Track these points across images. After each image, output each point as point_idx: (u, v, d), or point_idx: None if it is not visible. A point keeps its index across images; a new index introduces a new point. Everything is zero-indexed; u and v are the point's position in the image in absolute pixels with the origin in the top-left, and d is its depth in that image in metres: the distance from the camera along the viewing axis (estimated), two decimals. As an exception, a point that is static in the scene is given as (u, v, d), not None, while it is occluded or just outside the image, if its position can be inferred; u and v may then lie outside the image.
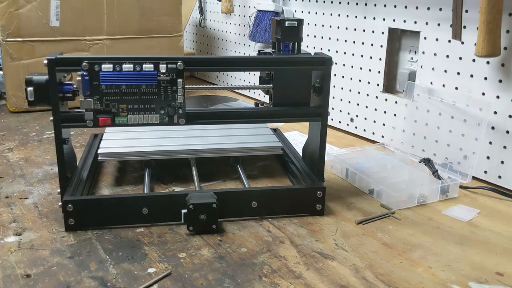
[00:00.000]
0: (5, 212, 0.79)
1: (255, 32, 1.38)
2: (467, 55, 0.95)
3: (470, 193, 0.90)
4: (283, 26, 0.81)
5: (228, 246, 0.70)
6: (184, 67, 0.73)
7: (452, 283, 0.63)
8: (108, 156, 0.90)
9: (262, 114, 0.83)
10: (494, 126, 0.91)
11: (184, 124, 0.76)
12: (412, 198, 0.85)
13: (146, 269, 0.64)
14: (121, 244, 0.70)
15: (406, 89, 1.05)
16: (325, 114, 0.80)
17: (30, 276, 0.62)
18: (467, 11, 0.92)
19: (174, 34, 1.46)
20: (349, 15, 1.19)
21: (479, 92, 0.93)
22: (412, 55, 1.10)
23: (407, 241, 0.73)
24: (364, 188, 0.91)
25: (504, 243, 0.74)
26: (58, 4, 1.28)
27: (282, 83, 0.82)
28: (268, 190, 0.81)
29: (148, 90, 0.73)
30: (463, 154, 0.94)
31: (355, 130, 1.23)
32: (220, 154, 0.93)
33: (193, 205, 0.72)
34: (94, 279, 0.62)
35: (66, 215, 0.73)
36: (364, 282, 0.63)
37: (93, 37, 1.35)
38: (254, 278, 0.63)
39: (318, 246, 0.71)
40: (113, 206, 0.74)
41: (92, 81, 0.72)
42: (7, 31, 1.25)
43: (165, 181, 0.92)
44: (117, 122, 0.74)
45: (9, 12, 1.24)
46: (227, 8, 1.55)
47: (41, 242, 0.70)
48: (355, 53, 1.20)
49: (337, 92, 1.25)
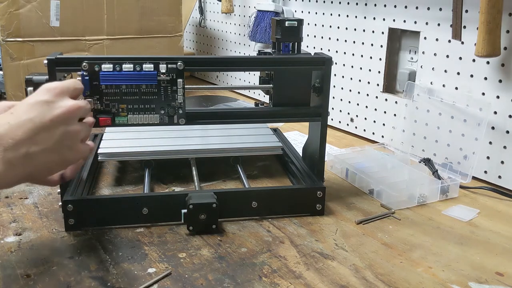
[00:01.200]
0: (5, 212, 0.79)
1: (255, 32, 1.38)
2: (467, 55, 0.95)
3: (470, 193, 0.90)
4: (283, 26, 0.81)
5: (228, 246, 0.70)
6: (184, 67, 0.73)
7: (452, 283, 0.63)
8: (108, 156, 0.90)
9: (262, 114, 0.83)
10: (494, 126, 0.91)
11: (184, 124, 0.76)
12: (412, 198, 0.85)
13: (146, 269, 0.64)
14: (121, 244, 0.70)
15: (406, 89, 1.05)
16: (325, 114, 0.80)
17: (30, 276, 0.62)
18: (467, 11, 0.92)
19: (174, 34, 1.46)
20: (349, 15, 1.19)
21: (479, 92, 0.93)
22: (412, 55, 1.10)
23: (407, 241, 0.73)
24: (364, 188, 0.91)
25: (504, 243, 0.74)
26: (58, 4, 1.28)
27: (282, 83, 0.82)
28: (268, 190, 0.81)
29: (148, 90, 0.73)
30: (463, 154, 0.94)
31: (355, 130, 1.23)
32: (220, 154, 0.93)
33: (193, 205, 0.72)
34: (94, 279, 0.62)
35: (66, 215, 0.73)
36: (364, 282, 0.63)
37: (93, 37, 1.35)
38: (254, 278, 0.63)
39: (318, 246, 0.71)
40: (113, 206, 0.74)
41: (92, 81, 0.72)
42: (7, 31, 1.25)
43: (165, 181, 0.92)
44: (117, 122, 0.74)
45: (9, 12, 1.24)
46: (227, 8, 1.55)
47: (41, 242, 0.70)
48: (355, 53, 1.20)
49: (337, 92, 1.25)
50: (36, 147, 0.55)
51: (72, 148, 0.59)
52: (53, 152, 0.57)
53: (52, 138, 0.56)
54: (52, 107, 0.56)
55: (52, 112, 0.56)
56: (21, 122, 0.54)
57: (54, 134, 0.56)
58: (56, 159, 0.58)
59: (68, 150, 0.59)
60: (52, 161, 0.57)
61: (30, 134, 0.54)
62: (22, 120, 0.54)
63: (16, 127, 0.53)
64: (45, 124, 0.55)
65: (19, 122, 0.54)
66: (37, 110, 0.55)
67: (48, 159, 0.57)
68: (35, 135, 0.54)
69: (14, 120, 0.54)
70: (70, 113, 0.58)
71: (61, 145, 0.57)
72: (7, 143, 0.52)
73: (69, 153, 0.59)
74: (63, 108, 0.57)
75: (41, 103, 0.56)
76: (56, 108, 0.56)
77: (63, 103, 0.57)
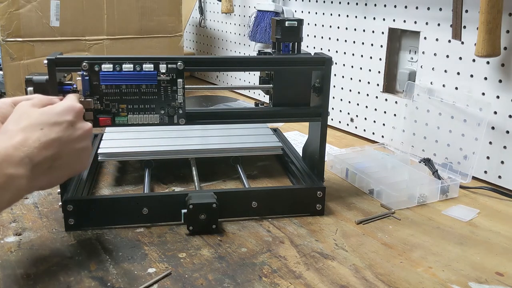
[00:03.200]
0: (5, 212, 0.79)
1: (255, 32, 1.38)
2: (467, 55, 0.95)
3: (470, 193, 0.90)
4: (283, 26, 0.81)
5: (228, 246, 0.70)
6: (184, 67, 0.73)
7: (452, 283, 0.63)
8: (108, 156, 0.90)
9: (262, 114, 0.83)
10: (494, 126, 0.91)
11: (184, 124, 0.76)
12: (412, 198, 0.85)
13: (146, 269, 0.64)
14: (121, 244, 0.70)
15: (406, 89, 1.05)
16: (325, 114, 0.80)
17: (30, 276, 0.62)
18: (467, 11, 0.92)
19: (174, 34, 1.46)
20: (349, 15, 1.19)
21: (479, 92, 0.93)
22: (412, 55, 1.10)
23: (407, 241, 0.73)
24: (364, 188, 0.91)
25: (504, 243, 0.74)
26: (58, 4, 1.28)
27: (282, 83, 0.82)
28: (268, 190, 0.81)
29: (148, 90, 0.73)
30: (463, 154, 0.94)
31: (355, 130, 1.23)
32: (220, 154, 0.93)
33: (193, 205, 0.72)
34: (94, 279, 0.62)
35: (66, 215, 0.73)
36: (364, 282, 0.63)
37: (93, 37, 1.35)
38: (254, 278, 0.63)
39: (318, 246, 0.71)
40: (113, 206, 0.74)
41: (92, 81, 0.72)
42: (7, 31, 1.25)
43: (165, 181, 0.92)
44: (117, 122, 0.74)
45: (9, 12, 1.24)
46: (227, 8, 1.55)
47: (41, 242, 0.70)
48: (355, 53, 1.20)
49: (337, 92, 1.25)
50: (59, 161, 0.61)
51: (83, 161, 0.66)
52: (68, 167, 0.64)
53: (72, 156, 0.63)
54: (76, 128, 0.63)
55: (76, 133, 0.63)
56: (50, 141, 0.60)
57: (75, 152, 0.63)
58: (68, 171, 0.64)
59: (79, 163, 0.66)
60: (64, 174, 0.64)
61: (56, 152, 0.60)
62: (51, 139, 0.60)
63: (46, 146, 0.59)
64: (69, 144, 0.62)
65: (48, 141, 0.60)
66: (64, 131, 0.62)
67: (63, 173, 0.63)
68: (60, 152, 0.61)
69: (45, 137, 0.59)
70: (88, 133, 0.65)
71: (78, 160, 0.64)
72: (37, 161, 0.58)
73: (79, 166, 0.66)
74: (84, 129, 0.65)
75: (67, 125, 0.62)
76: (79, 129, 0.64)
77: (84, 125, 0.65)
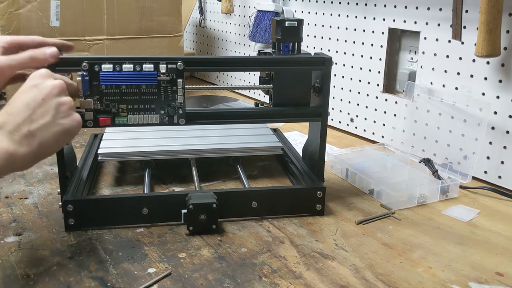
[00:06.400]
0: (5, 212, 0.79)
1: (255, 32, 1.38)
2: (467, 55, 0.95)
3: (470, 193, 0.90)
4: (283, 26, 0.81)
5: (228, 246, 0.70)
6: (184, 67, 0.73)
7: (452, 283, 0.63)
8: (108, 156, 0.90)
9: (262, 114, 0.83)
10: (494, 126, 0.91)
11: (184, 124, 0.76)
12: (412, 198, 0.85)
13: (146, 269, 0.64)
14: (121, 244, 0.70)
15: (406, 89, 1.05)
16: (325, 114, 0.80)
17: (30, 276, 0.62)
18: (467, 11, 0.92)
19: (174, 34, 1.46)
20: (349, 15, 1.19)
21: (479, 92, 0.93)
22: (412, 55, 1.10)
23: (407, 241, 0.73)
24: (364, 188, 0.91)
25: (504, 243, 0.74)
26: (58, 4, 1.28)
27: (282, 83, 0.82)
28: (268, 190, 0.81)
29: (148, 90, 0.73)
30: (463, 154, 0.94)
31: (355, 130, 1.23)
32: (220, 154, 0.93)
33: (193, 205, 0.72)
34: (94, 279, 0.62)
35: (66, 215, 0.73)
36: (364, 282, 0.63)
37: (93, 37, 1.35)
38: (254, 278, 0.63)
39: (318, 246, 0.71)
40: (113, 206, 0.74)
41: (92, 81, 0.72)
42: (7, 31, 1.25)
43: (165, 181, 0.92)
44: (117, 122, 0.74)
45: (9, 12, 1.24)
46: (227, 8, 1.54)
47: (41, 242, 0.70)
48: (355, 53, 1.20)
49: (337, 92, 1.25)
50: (35, 124, 0.60)
51: (68, 116, 0.64)
52: (52, 125, 0.62)
53: (48, 113, 0.62)
54: (41, 87, 0.62)
55: (42, 92, 0.62)
56: (18, 109, 0.60)
57: (49, 109, 0.62)
58: (58, 130, 0.63)
59: (65, 119, 0.64)
60: (55, 133, 0.63)
61: (28, 115, 0.60)
62: (19, 106, 0.60)
63: (15, 114, 0.60)
64: (38, 103, 0.61)
65: (16, 109, 0.60)
66: (29, 94, 0.61)
67: (50, 132, 0.62)
68: (32, 114, 0.60)
69: (11, 109, 0.60)
70: (59, 88, 0.64)
71: (57, 116, 0.63)
72: (10, 127, 0.59)
73: (66, 122, 0.64)
74: (51, 85, 0.63)
75: (31, 88, 0.62)
76: (45, 88, 0.63)
77: (50, 82, 0.64)
